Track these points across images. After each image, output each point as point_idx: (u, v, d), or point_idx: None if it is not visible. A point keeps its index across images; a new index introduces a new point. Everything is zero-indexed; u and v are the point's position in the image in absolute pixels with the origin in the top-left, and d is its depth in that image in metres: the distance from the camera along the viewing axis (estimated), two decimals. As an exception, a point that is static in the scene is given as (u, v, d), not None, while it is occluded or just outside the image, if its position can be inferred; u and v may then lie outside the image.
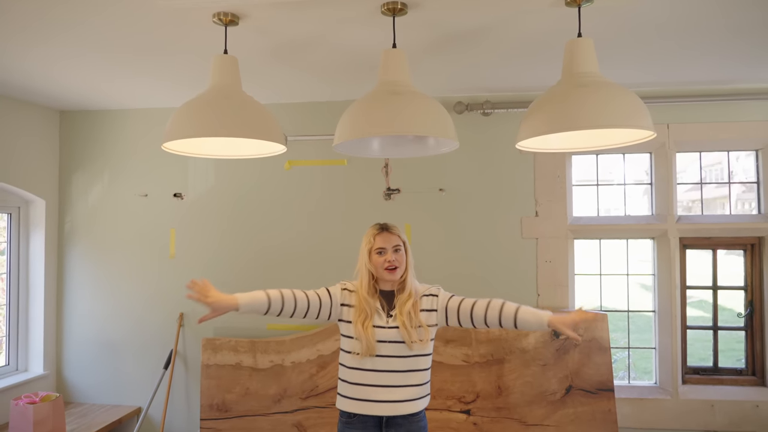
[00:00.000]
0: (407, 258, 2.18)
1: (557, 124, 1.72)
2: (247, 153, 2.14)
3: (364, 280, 2.16)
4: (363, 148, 2.06)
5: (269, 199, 3.54)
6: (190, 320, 3.59)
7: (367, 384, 2.11)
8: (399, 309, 2.12)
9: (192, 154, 2.06)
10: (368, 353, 2.09)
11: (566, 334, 2.03)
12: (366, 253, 2.15)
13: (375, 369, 2.10)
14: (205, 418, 3.35)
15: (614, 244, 3.50)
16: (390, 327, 2.12)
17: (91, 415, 3.43)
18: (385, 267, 2.12)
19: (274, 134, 1.94)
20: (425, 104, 1.86)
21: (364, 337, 2.08)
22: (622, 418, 3.22)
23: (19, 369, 3.59)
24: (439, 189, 3.41)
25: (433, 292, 2.21)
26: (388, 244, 2.13)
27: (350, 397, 2.14)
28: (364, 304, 2.13)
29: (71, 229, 3.72)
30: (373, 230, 2.18)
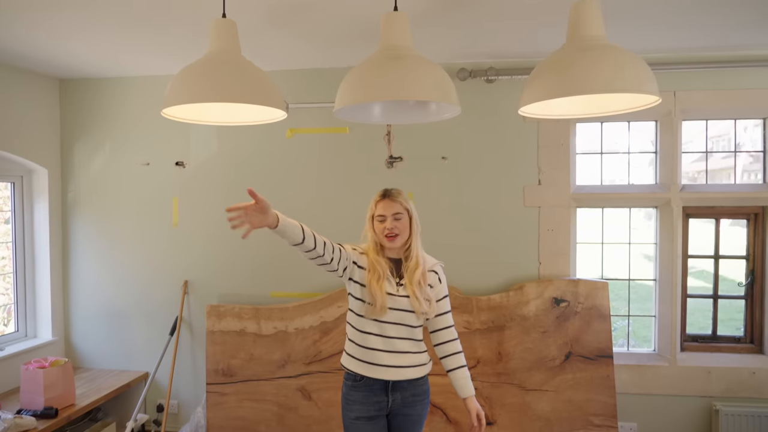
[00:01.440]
0: (412, 226, 2.17)
1: (560, 89, 1.70)
2: (247, 119, 2.13)
3: (371, 245, 2.17)
4: (364, 114, 2.04)
5: (271, 167, 3.54)
6: (194, 287, 3.63)
7: (375, 348, 2.12)
8: (408, 278, 2.12)
9: (192, 120, 2.05)
10: (380, 314, 2.08)
11: (470, 418, 2.18)
12: (369, 220, 2.17)
13: (383, 334, 2.12)
14: (211, 383, 3.42)
15: (617, 214, 3.50)
16: (401, 295, 2.11)
17: (100, 380, 3.51)
18: (385, 234, 2.12)
19: (274, 100, 1.92)
20: (427, 69, 1.83)
21: (379, 295, 2.06)
22: (621, 384, 3.28)
23: (28, 335, 3.66)
24: (441, 157, 3.39)
25: (439, 272, 2.24)
26: (388, 211, 2.12)
27: (358, 359, 2.15)
28: (376, 264, 2.12)
29: (74, 198, 3.73)
30: (376, 197, 2.18)
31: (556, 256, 3.34)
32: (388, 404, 2.15)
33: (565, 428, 3.17)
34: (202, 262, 3.63)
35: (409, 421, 2.18)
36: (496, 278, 3.37)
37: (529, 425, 3.19)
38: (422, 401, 2.19)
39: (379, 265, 2.12)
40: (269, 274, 3.58)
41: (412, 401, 2.17)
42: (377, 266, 2.12)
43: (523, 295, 3.25)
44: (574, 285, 3.23)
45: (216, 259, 3.61)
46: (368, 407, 2.14)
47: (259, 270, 3.58)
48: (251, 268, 3.59)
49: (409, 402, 2.16)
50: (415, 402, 2.17)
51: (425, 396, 2.21)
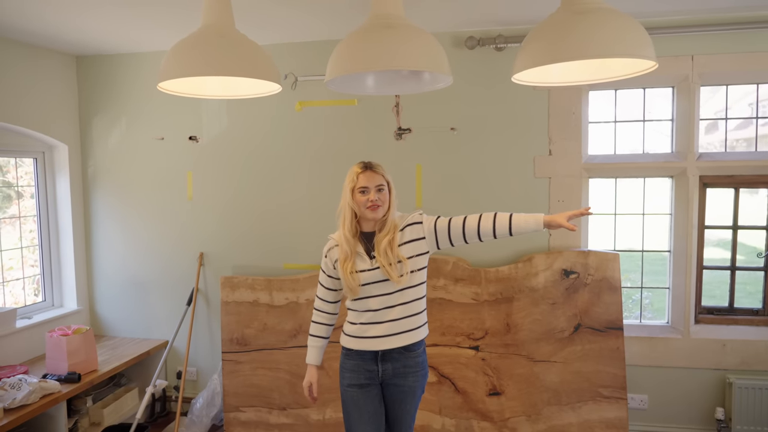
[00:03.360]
0: (391, 198, 2.17)
1: (550, 55, 1.65)
2: (243, 93, 2.14)
3: (347, 219, 2.16)
4: (357, 85, 2.03)
5: (281, 140, 3.57)
6: (210, 259, 3.73)
7: (361, 322, 2.20)
8: (377, 248, 2.13)
9: (188, 94, 2.08)
10: (352, 295, 2.15)
11: (563, 226, 2.03)
12: (349, 192, 2.14)
13: (369, 309, 2.17)
14: (227, 351, 3.53)
15: (631, 184, 3.41)
16: (374, 268, 2.14)
17: (122, 348, 3.66)
18: (368, 206, 2.11)
19: (268, 73, 1.93)
20: (418, 38, 1.81)
21: (345, 280, 2.14)
22: (632, 356, 3.25)
23: (54, 305, 3.83)
24: (450, 128, 3.36)
25: (416, 219, 2.19)
26: (371, 183, 2.12)
27: (347, 334, 2.25)
28: (345, 244, 2.15)
29: (94, 172, 3.84)
30: (356, 168, 2.16)
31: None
32: (379, 373, 2.20)
33: (573, 399, 3.18)
34: (216, 235, 3.71)
35: (400, 392, 2.21)
36: (506, 250, 3.35)
37: (538, 396, 3.20)
38: (415, 373, 2.21)
39: (348, 244, 2.15)
40: (282, 247, 3.64)
41: (404, 372, 2.20)
42: (345, 247, 2.15)
43: (532, 267, 3.23)
44: (584, 256, 3.19)
45: (230, 232, 3.69)
46: (359, 375, 2.21)
47: (272, 242, 3.65)
48: (264, 240, 3.66)
49: (400, 373, 2.20)
50: (407, 374, 2.20)
51: (419, 369, 2.22)
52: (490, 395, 3.24)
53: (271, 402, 3.48)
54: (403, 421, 2.24)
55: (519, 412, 3.21)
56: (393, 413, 2.25)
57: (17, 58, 3.33)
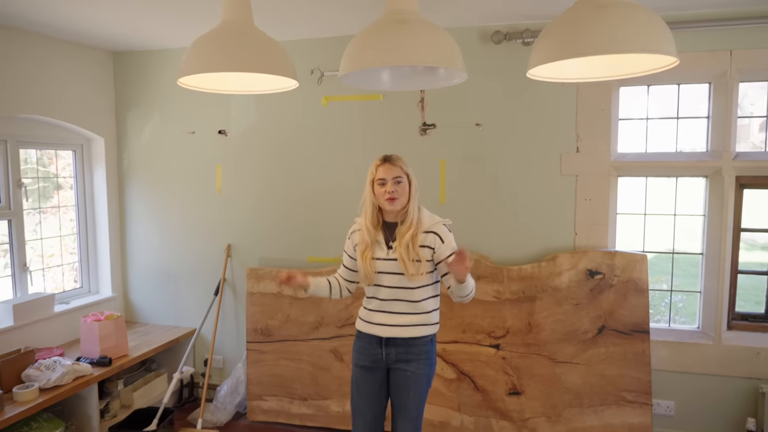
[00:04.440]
0: (410, 190, 2.24)
1: (563, 50, 1.62)
2: (261, 88, 2.18)
3: (368, 210, 2.26)
4: (372, 80, 2.03)
5: (308, 135, 3.60)
6: (237, 251, 3.81)
7: (371, 309, 2.31)
8: (399, 241, 2.20)
9: (208, 89, 2.13)
10: (367, 281, 2.25)
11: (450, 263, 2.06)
12: (369, 184, 2.25)
13: (378, 297, 2.27)
14: (251, 341, 3.61)
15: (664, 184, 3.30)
16: (389, 259, 2.22)
17: (153, 334, 3.79)
18: (386, 198, 2.19)
19: (285, 69, 1.96)
20: (433, 34, 1.80)
21: (362, 267, 2.25)
22: (658, 361, 3.16)
23: (91, 291, 3.99)
24: (475, 124, 3.32)
25: (440, 233, 2.24)
26: (389, 175, 2.19)
27: (360, 318, 2.37)
28: (365, 234, 2.25)
29: (129, 165, 3.98)
30: (376, 162, 2.26)
31: (593, 226, 3.22)
32: (383, 358, 2.29)
33: (596, 402, 3.11)
34: (244, 227, 3.79)
35: (404, 376, 2.26)
36: (530, 248, 3.30)
37: (558, 397, 3.15)
38: (419, 360, 2.25)
39: (368, 234, 2.25)
40: (307, 240, 3.68)
41: (407, 358, 2.25)
42: (366, 236, 2.26)
43: (556, 266, 3.17)
44: (610, 257, 3.11)
45: (257, 225, 3.76)
46: (364, 357, 2.33)
47: (298, 236, 3.70)
48: (290, 233, 3.72)
49: (403, 358, 2.26)
50: (410, 359, 2.25)
51: (425, 357, 2.26)
52: (509, 394, 3.21)
53: (292, 392, 3.54)
54: (407, 408, 2.26)
55: (539, 412, 3.17)
56: (397, 399, 2.29)
57: (58, 55, 3.48)
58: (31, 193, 3.58)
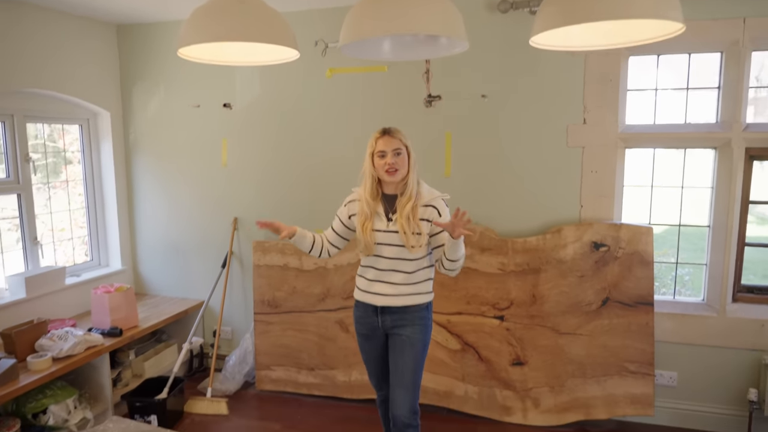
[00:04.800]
0: (410, 162, 2.26)
1: (567, 17, 1.58)
2: (261, 59, 2.17)
3: (367, 182, 2.29)
4: (373, 50, 2.01)
5: (312, 107, 3.59)
6: (243, 224, 3.84)
7: (369, 279, 2.35)
8: (399, 212, 2.22)
9: (208, 60, 2.12)
10: (367, 252, 2.29)
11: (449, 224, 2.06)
12: (369, 157, 2.27)
13: (376, 267, 2.32)
14: (258, 312, 3.67)
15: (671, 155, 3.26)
16: (390, 231, 2.25)
17: (162, 306, 3.86)
18: (386, 169, 2.21)
19: (285, 39, 1.94)
20: (434, 1, 1.77)
21: (362, 238, 2.27)
22: (662, 332, 3.17)
23: (101, 264, 4.05)
24: (481, 95, 3.29)
25: (438, 207, 2.27)
26: (388, 147, 2.22)
27: (358, 287, 2.42)
28: (365, 205, 2.28)
29: (135, 139, 3.99)
30: (375, 134, 2.28)
31: (599, 199, 3.20)
32: (379, 325, 2.36)
33: (598, 373, 3.14)
34: (250, 201, 3.81)
35: (399, 340, 2.32)
36: (535, 221, 3.30)
37: (561, 368, 3.18)
38: (413, 325, 2.31)
39: (367, 206, 2.28)
40: (312, 213, 3.70)
41: (402, 324, 2.31)
42: (365, 208, 2.28)
43: (561, 239, 3.16)
44: (615, 229, 3.10)
45: (262, 198, 3.77)
46: (363, 326, 2.42)
47: (303, 209, 3.71)
48: (296, 206, 3.73)
49: (398, 324, 2.32)
50: (405, 324, 2.31)
51: (420, 322, 2.32)
52: (513, 365, 3.24)
53: (300, 362, 3.60)
54: (402, 371, 2.31)
55: (542, 382, 3.20)
56: (393, 362, 2.35)
57: (61, 28, 3.46)
58: (40, 169, 3.61)
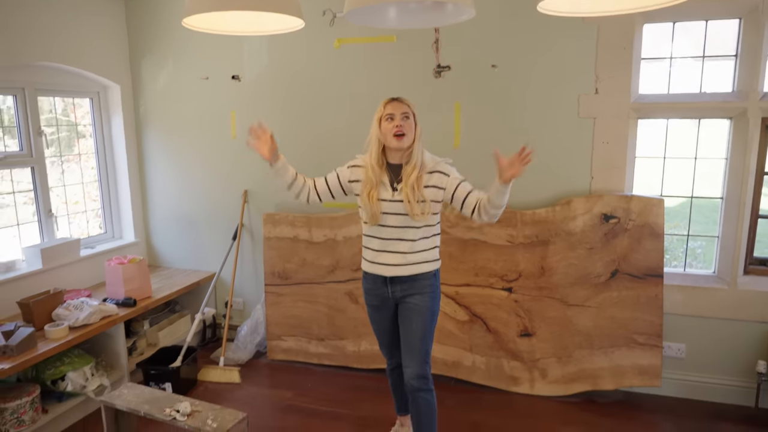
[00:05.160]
0: (416, 130, 2.26)
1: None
2: (266, 29, 2.15)
3: (373, 150, 2.28)
4: (378, 17, 1.98)
5: (321, 79, 3.56)
6: (253, 197, 3.86)
7: (375, 249, 2.36)
8: (404, 181, 2.22)
9: (212, 30, 2.10)
10: (373, 222, 2.29)
11: (506, 165, 2.04)
12: (376, 122, 2.27)
13: (381, 236, 2.32)
14: (269, 284, 3.71)
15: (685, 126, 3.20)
16: (395, 200, 2.26)
17: (175, 278, 3.92)
18: (394, 133, 2.21)
19: (289, 7, 1.92)
20: (440, -34, 1.73)
21: (369, 207, 2.28)
22: (672, 305, 3.16)
23: (114, 236, 4.12)
24: (491, 65, 3.24)
25: (444, 170, 2.28)
26: (397, 110, 2.23)
27: (365, 258, 2.42)
28: (370, 173, 2.27)
29: (145, 112, 4.01)
30: (384, 101, 2.29)
31: (610, 170, 3.17)
32: (389, 295, 2.38)
33: (606, 344, 3.15)
34: (260, 173, 3.82)
35: (408, 308, 2.35)
36: (545, 192, 3.27)
37: (569, 339, 3.19)
38: (422, 293, 2.33)
39: (374, 173, 2.27)
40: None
41: (411, 293, 2.34)
42: (371, 176, 2.28)
43: (570, 210, 3.14)
44: (626, 201, 3.07)
45: (272, 171, 3.78)
46: (372, 297, 2.44)
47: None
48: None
49: (408, 294, 2.35)
50: (414, 293, 2.34)
51: (429, 290, 2.34)
52: (521, 336, 3.26)
53: (310, 332, 3.66)
54: (412, 339, 2.35)
55: (549, 353, 3.23)
56: (403, 331, 2.39)
57: (72, 1, 3.46)
58: (54, 142, 3.65)
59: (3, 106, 3.33)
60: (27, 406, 2.72)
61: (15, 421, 2.68)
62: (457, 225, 3.31)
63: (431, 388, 2.39)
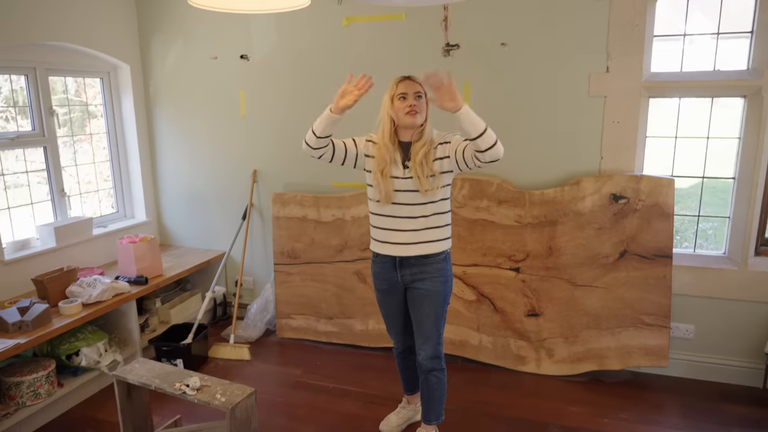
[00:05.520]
0: (428, 110, 2.25)
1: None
2: (272, 6, 2.14)
3: (386, 128, 2.27)
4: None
5: (329, 57, 3.54)
6: (263, 176, 3.88)
7: (385, 228, 2.33)
8: (413, 158, 2.21)
9: (220, 8, 2.10)
10: (386, 201, 2.26)
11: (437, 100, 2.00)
12: (388, 100, 2.27)
13: (392, 215, 2.30)
14: (278, 263, 3.75)
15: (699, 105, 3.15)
16: (406, 177, 2.24)
17: (186, 257, 3.97)
18: (407, 111, 2.19)
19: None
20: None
21: (383, 185, 2.24)
22: (681, 286, 3.14)
23: (126, 216, 4.17)
24: (501, 43, 3.20)
25: (447, 139, 2.26)
26: (410, 89, 2.23)
27: (374, 239, 2.40)
28: (383, 151, 2.25)
29: (155, 92, 4.02)
30: (395, 79, 2.28)
31: (620, 150, 3.13)
32: (399, 279, 2.36)
33: (613, 325, 3.15)
34: (269, 153, 3.83)
35: (418, 294, 2.34)
36: (553, 172, 3.25)
37: (576, 319, 3.20)
38: (433, 278, 2.31)
39: (387, 151, 2.25)
40: (331, 166, 3.68)
41: (422, 277, 2.32)
42: (385, 154, 2.25)
43: (579, 191, 3.12)
44: (635, 181, 3.05)
45: (281, 150, 3.79)
46: (381, 281, 2.42)
47: (321, 161, 3.71)
48: (314, 159, 3.73)
49: (418, 278, 2.33)
50: (425, 278, 2.32)
51: (439, 275, 2.32)
52: (528, 316, 3.27)
53: (318, 311, 3.70)
54: (423, 324, 2.36)
55: (556, 333, 3.24)
56: (414, 315, 2.40)
57: (78, -22, 3.46)
58: (65, 123, 3.68)
59: (16, 86, 3.36)
60: (43, 379, 2.79)
61: (31, 394, 2.75)
62: (465, 205, 3.31)
63: (443, 368, 2.42)
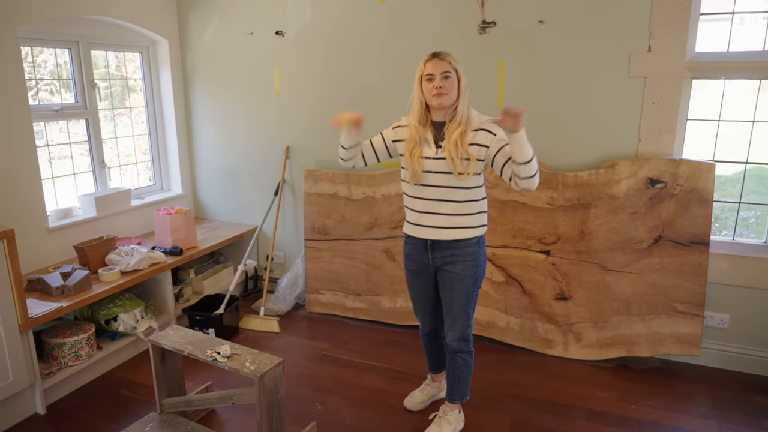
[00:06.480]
0: (460, 87, 2.18)
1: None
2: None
3: (416, 108, 2.23)
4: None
5: (365, 35, 3.53)
6: (295, 153, 3.92)
7: (417, 210, 2.31)
8: (447, 138, 2.17)
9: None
10: (415, 180, 2.23)
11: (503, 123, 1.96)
12: (417, 80, 2.21)
13: (424, 197, 2.27)
14: (309, 239, 3.80)
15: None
16: (438, 158, 2.20)
17: (219, 230, 4.06)
18: (434, 93, 2.15)
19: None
20: None
21: (411, 165, 2.22)
22: (717, 274, 3.06)
23: (163, 188, 4.28)
24: (538, 21, 3.13)
25: (491, 129, 2.19)
26: (437, 70, 2.15)
27: (407, 221, 2.38)
28: (413, 132, 2.22)
29: (192, 67, 4.08)
30: (425, 58, 2.20)
31: (659, 133, 3.04)
32: (430, 262, 2.34)
33: (644, 311, 3.10)
34: (302, 129, 3.86)
35: (449, 277, 2.32)
36: (589, 155, 3.19)
37: (606, 304, 3.16)
38: (464, 262, 2.28)
39: (417, 132, 2.22)
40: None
41: (453, 260, 2.29)
42: (415, 134, 2.22)
43: (614, 174, 3.06)
44: (674, 165, 2.96)
45: (314, 127, 3.82)
46: (412, 263, 2.40)
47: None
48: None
49: (449, 261, 2.30)
50: (456, 261, 2.28)
51: (471, 258, 2.28)
52: (557, 299, 3.25)
53: (347, 288, 3.75)
54: (452, 306, 2.34)
55: (585, 318, 3.20)
56: (444, 297, 2.38)
57: (119, -48, 3.51)
58: (106, 97, 3.78)
59: (60, 60, 3.46)
60: (83, 342, 2.92)
61: (73, 355, 2.89)
62: (497, 186, 3.28)
63: (471, 350, 2.41)
